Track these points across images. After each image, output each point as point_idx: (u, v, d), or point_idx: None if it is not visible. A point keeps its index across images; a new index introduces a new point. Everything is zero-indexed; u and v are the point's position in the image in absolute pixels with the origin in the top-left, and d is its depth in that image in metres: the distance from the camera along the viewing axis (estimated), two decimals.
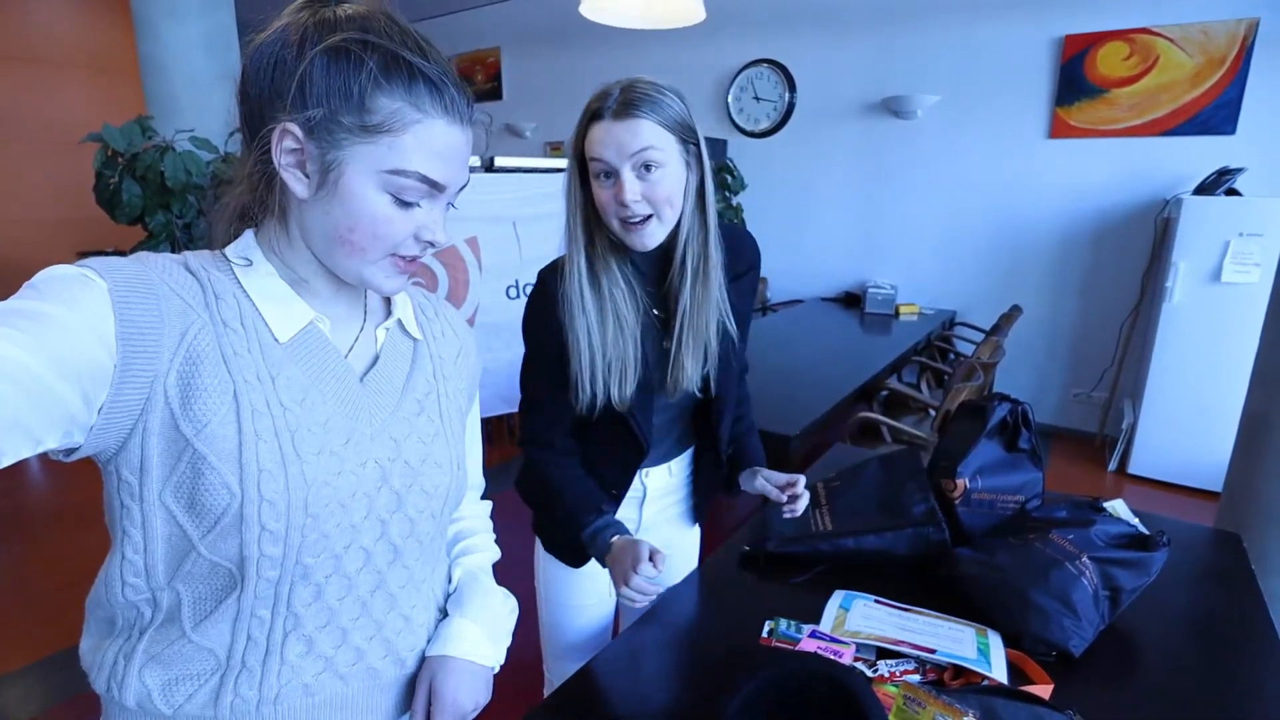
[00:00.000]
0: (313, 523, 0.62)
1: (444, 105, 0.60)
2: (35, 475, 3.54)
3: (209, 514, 0.59)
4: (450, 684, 0.74)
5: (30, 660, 2.11)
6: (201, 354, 0.58)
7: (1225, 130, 3.33)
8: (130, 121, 2.55)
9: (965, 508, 1.18)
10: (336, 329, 0.69)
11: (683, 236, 0.99)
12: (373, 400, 0.69)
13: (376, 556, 0.69)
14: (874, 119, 4.25)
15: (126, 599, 0.63)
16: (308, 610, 0.66)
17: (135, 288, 0.55)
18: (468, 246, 2.70)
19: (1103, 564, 0.99)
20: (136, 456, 0.57)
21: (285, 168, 0.59)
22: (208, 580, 0.62)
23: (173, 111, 2.86)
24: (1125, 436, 3.50)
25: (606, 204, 0.94)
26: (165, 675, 0.64)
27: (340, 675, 0.69)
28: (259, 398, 0.60)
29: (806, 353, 3.14)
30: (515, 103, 5.87)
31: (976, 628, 0.98)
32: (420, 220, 0.63)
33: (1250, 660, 0.97)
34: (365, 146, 0.58)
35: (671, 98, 0.93)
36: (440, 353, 0.78)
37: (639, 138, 0.90)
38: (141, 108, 2.94)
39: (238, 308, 0.62)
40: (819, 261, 4.67)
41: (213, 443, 0.58)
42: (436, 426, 0.74)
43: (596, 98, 0.93)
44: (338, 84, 0.57)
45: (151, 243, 2.57)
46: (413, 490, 0.70)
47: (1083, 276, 3.82)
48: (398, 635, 0.73)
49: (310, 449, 0.62)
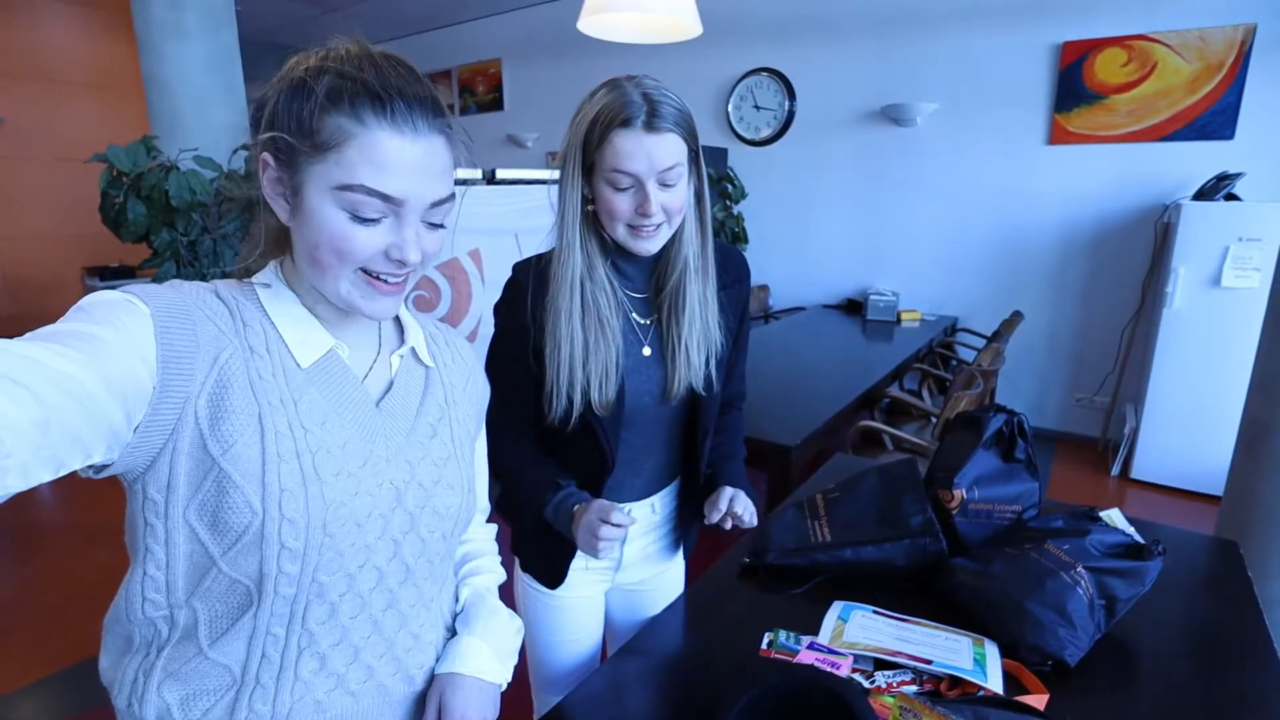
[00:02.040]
0: (330, 541, 0.64)
1: (389, 117, 0.60)
2: (46, 491, 3.57)
3: (231, 531, 0.61)
4: (459, 700, 0.75)
5: (43, 674, 2.13)
6: (231, 378, 0.61)
7: (1224, 135, 3.34)
8: (135, 142, 2.58)
9: (962, 518, 1.19)
10: (353, 355, 0.71)
11: (683, 239, 0.99)
12: (388, 424, 0.71)
13: (389, 576, 0.71)
14: (873, 127, 4.28)
15: (146, 615, 0.65)
16: (321, 628, 0.67)
17: (174, 314, 0.58)
18: (470, 259, 2.73)
19: (1098, 573, 1.00)
20: (164, 475, 0.59)
21: (270, 196, 0.63)
22: (225, 598, 0.64)
23: (176, 128, 2.90)
24: (1127, 441, 3.50)
25: (619, 211, 0.92)
26: (183, 691, 0.66)
27: (351, 692, 0.71)
28: (282, 420, 0.63)
29: (808, 360, 3.15)
30: (517, 113, 5.92)
31: (973, 638, 0.99)
32: (387, 238, 0.63)
33: (1246, 669, 0.97)
34: (317, 166, 0.60)
35: (683, 104, 0.93)
36: (451, 380, 0.80)
37: (671, 153, 0.90)
38: (145, 124, 2.98)
39: (264, 334, 0.64)
40: (820, 269, 4.69)
41: (238, 463, 0.60)
42: (449, 450, 0.76)
43: (617, 102, 0.89)
44: (294, 108, 0.60)
45: (156, 260, 2.60)
46: (425, 511, 0.72)
47: (1083, 282, 3.83)
48: (407, 653, 0.75)
49: (330, 470, 0.64)
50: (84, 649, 2.18)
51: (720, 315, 1.06)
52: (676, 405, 1.08)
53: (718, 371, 1.07)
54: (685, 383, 1.04)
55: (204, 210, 2.60)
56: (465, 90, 6.22)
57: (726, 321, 1.08)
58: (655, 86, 0.91)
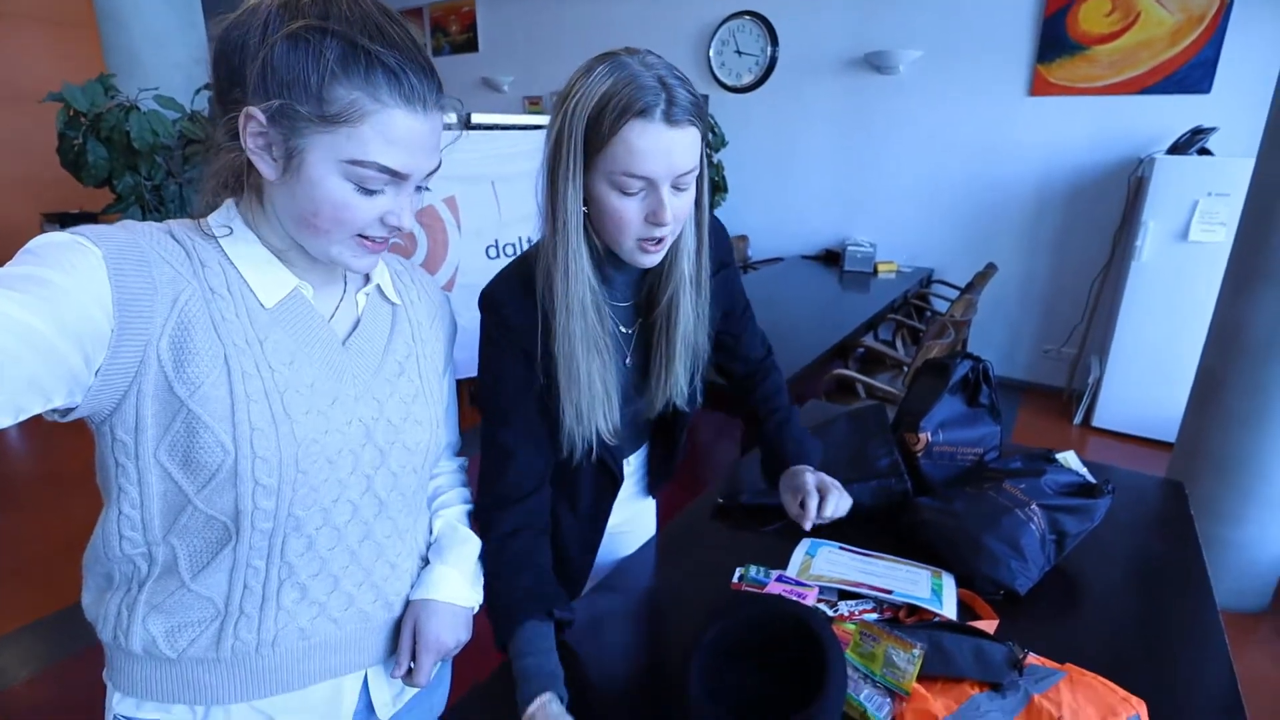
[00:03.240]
0: (303, 478, 0.66)
1: (403, 94, 0.60)
2: (25, 441, 3.53)
3: (204, 470, 0.62)
4: (433, 624, 0.79)
5: (26, 621, 2.15)
6: (192, 319, 0.60)
7: (1201, 89, 3.36)
8: (92, 80, 2.47)
9: (927, 460, 1.24)
10: (318, 295, 0.71)
11: (680, 249, 0.86)
12: (356, 363, 0.72)
13: (363, 509, 0.73)
14: (856, 74, 4.22)
15: (123, 552, 0.66)
16: (300, 560, 0.70)
17: (128, 255, 0.57)
18: (446, 207, 2.68)
19: (1050, 510, 1.06)
20: (131, 417, 0.60)
21: (253, 151, 0.61)
22: (203, 534, 0.66)
23: (133, 67, 2.77)
24: (1090, 391, 3.61)
25: (628, 220, 0.76)
26: (168, 623, 0.68)
27: (333, 619, 0.74)
28: (249, 361, 0.63)
29: (785, 311, 3.18)
30: (492, 55, 5.72)
31: (932, 570, 1.04)
32: (386, 206, 0.64)
33: (1182, 600, 1.04)
34: (325, 136, 0.59)
35: (693, 84, 0.77)
36: (417, 317, 0.81)
37: (691, 154, 0.75)
38: (100, 62, 2.85)
39: (224, 275, 0.64)
40: (799, 219, 4.68)
41: (206, 404, 0.61)
42: (417, 387, 0.77)
43: (628, 87, 0.71)
44: (297, 73, 0.57)
45: (120, 205, 2.52)
46: (395, 447, 0.74)
47: (1056, 235, 3.88)
48: (385, 581, 0.78)
49: (299, 409, 0.66)
50: (65, 597, 2.21)
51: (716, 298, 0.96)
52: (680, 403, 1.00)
53: (702, 385, 0.99)
54: (667, 396, 0.96)
55: (168, 153, 2.51)
56: (438, 29, 5.99)
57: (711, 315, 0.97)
58: (666, 66, 0.75)
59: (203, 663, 0.69)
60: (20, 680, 1.95)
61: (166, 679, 0.69)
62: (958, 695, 0.82)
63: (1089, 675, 0.83)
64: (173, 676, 0.69)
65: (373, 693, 0.81)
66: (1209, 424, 2.17)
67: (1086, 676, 0.83)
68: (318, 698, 0.76)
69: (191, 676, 0.69)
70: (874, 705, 0.83)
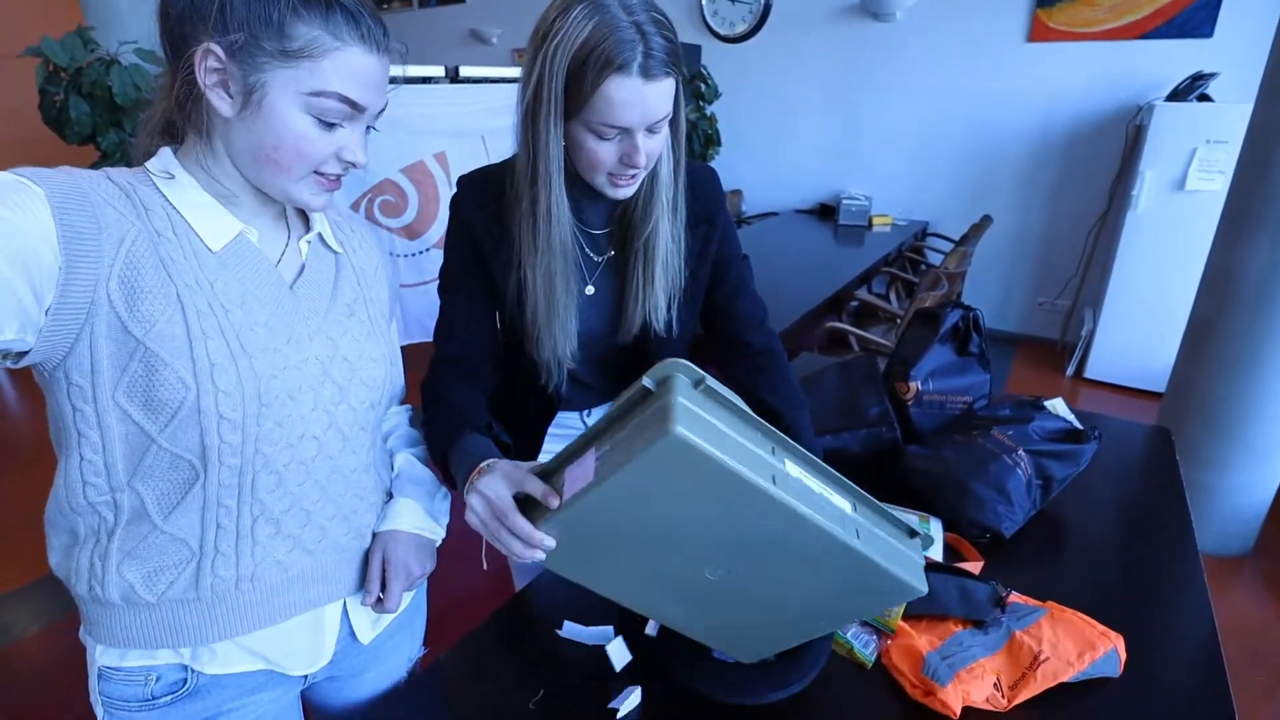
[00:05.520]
0: (266, 412, 0.67)
1: (360, 34, 0.64)
2: (24, 404, 3.55)
3: (165, 408, 0.63)
4: (400, 553, 0.82)
5: (33, 578, 2.19)
6: (141, 260, 0.61)
7: (1203, 33, 3.29)
8: (70, 33, 2.40)
9: (917, 408, 1.26)
10: (263, 240, 0.72)
11: (659, 180, 0.90)
12: (305, 305, 0.73)
13: (328, 444, 0.75)
14: (852, 21, 4.12)
15: (88, 500, 0.67)
16: (271, 496, 0.71)
17: (71, 195, 0.58)
18: (436, 162, 2.64)
19: (1037, 456, 1.08)
20: (86, 360, 0.61)
21: (210, 88, 0.62)
22: (169, 475, 0.66)
23: (111, 19, 2.70)
24: (1084, 343, 3.63)
25: (603, 160, 0.82)
26: (145, 567, 0.69)
27: (309, 550, 0.76)
28: (202, 300, 0.64)
29: (779, 264, 3.17)
30: (480, 7, 5.56)
31: (920, 515, 1.07)
32: (342, 140, 0.66)
33: (1164, 543, 1.07)
34: (287, 71, 0.62)
35: (672, 25, 0.79)
36: (361, 264, 0.83)
37: (666, 101, 0.79)
38: (79, 16, 2.76)
39: (168, 219, 0.65)
40: (794, 172, 4.62)
41: (163, 341, 0.62)
42: (368, 327, 0.80)
43: (607, 40, 0.73)
44: (257, 9, 0.60)
45: (106, 163, 2.48)
46: (353, 383, 0.76)
47: (1052, 186, 3.84)
48: (356, 514, 0.81)
49: (256, 346, 0.67)
50: None
51: (689, 257, 0.97)
52: (628, 343, 1.01)
53: (680, 312, 0.99)
54: (641, 321, 0.96)
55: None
56: None
57: (700, 269, 1.00)
58: (644, 6, 0.76)
59: (183, 603, 0.70)
60: (30, 634, 2.00)
61: (148, 624, 0.70)
62: (942, 633, 0.85)
63: (1069, 612, 0.87)
64: (154, 621, 0.70)
65: (353, 620, 0.84)
66: (1199, 371, 2.19)
67: (1067, 613, 0.86)
68: (302, 629, 0.78)
69: (173, 618, 0.70)
70: (860, 643, 0.86)
